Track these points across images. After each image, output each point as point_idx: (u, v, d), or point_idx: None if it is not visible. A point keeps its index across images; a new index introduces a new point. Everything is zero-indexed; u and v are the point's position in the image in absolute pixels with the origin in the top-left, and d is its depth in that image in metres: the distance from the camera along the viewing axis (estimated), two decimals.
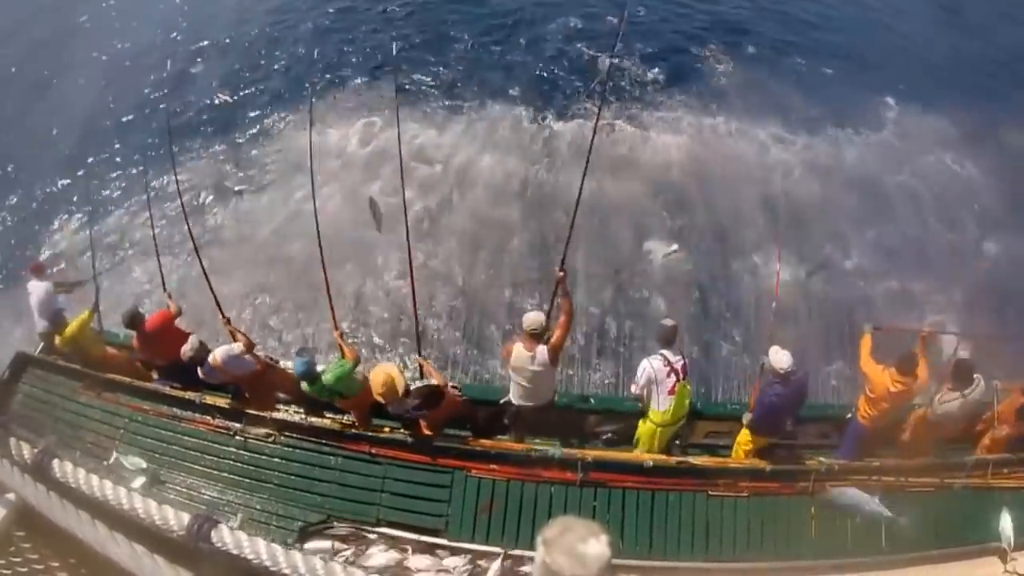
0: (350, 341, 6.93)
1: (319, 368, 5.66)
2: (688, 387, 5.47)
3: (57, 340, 6.62)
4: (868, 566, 4.93)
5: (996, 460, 5.35)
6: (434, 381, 5.60)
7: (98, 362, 6.59)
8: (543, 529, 1.13)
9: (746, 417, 5.59)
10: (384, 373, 5.32)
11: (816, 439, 6.27)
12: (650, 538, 5.10)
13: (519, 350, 5.42)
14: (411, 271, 6.24)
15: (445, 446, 5.46)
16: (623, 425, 6.08)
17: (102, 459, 5.68)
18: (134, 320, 6.41)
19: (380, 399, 5.37)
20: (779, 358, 5.19)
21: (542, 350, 5.35)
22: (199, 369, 5.95)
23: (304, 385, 5.67)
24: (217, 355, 5.86)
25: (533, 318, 5.42)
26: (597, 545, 1.10)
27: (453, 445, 5.47)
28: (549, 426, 6.02)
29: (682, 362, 5.38)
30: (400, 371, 5.54)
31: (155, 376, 6.77)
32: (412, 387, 5.53)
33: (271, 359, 6.64)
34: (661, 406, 5.37)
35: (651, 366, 5.35)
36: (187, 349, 5.94)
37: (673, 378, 5.32)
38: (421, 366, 6.20)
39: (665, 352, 5.36)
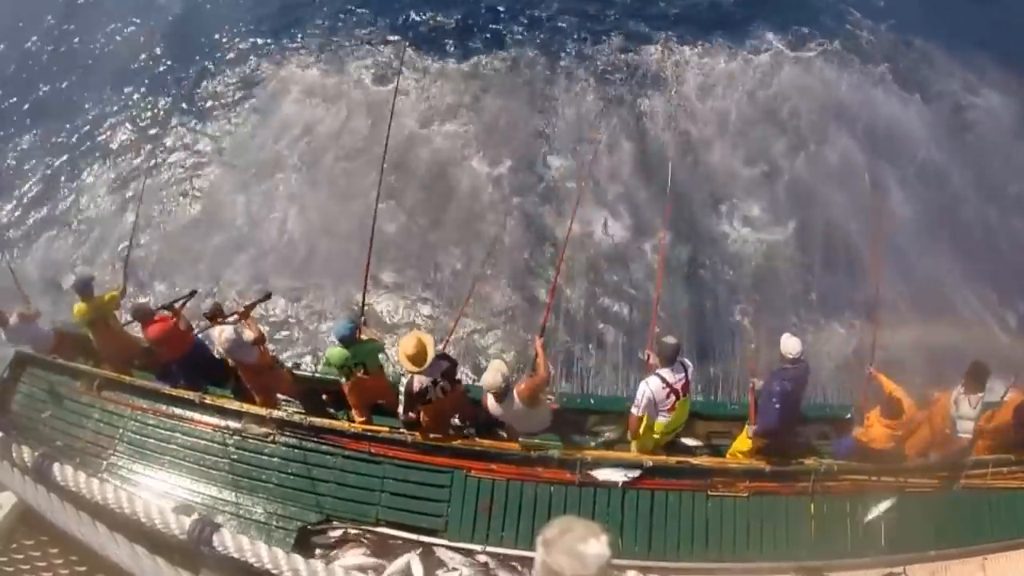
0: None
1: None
2: (688, 402, 5.34)
3: (80, 306, 6.40)
4: (868, 566, 4.94)
5: (996, 460, 5.34)
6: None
7: (114, 336, 6.56)
8: (543, 529, 1.13)
9: (749, 429, 5.42)
10: (415, 338, 5.24)
11: (816, 439, 6.26)
12: (650, 538, 5.11)
13: (492, 404, 5.27)
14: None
15: (445, 446, 5.46)
16: (623, 425, 6.08)
17: (102, 459, 5.69)
18: (140, 312, 6.31)
19: (408, 363, 5.20)
20: (790, 344, 5.16)
21: (514, 399, 5.21)
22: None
23: (336, 351, 5.62)
24: (224, 333, 5.83)
25: (491, 381, 5.11)
26: (597, 545, 1.10)
27: (453, 445, 5.47)
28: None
29: (683, 381, 5.18)
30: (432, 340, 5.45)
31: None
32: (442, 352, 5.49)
33: (276, 361, 6.62)
34: (660, 420, 5.30)
35: (650, 389, 5.15)
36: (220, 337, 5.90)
37: (672, 398, 5.18)
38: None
39: (663, 372, 5.16)
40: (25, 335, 6.60)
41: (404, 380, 5.31)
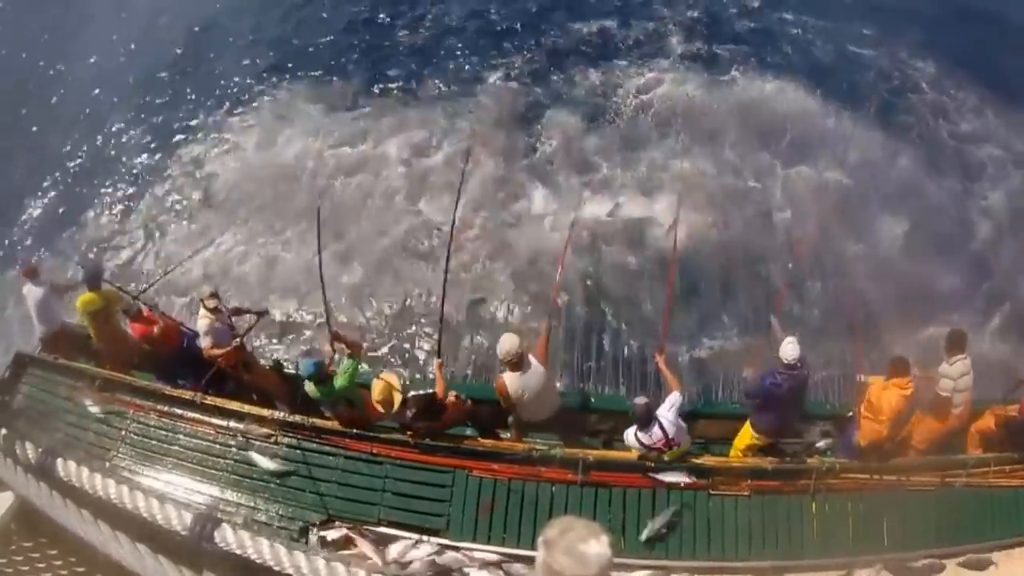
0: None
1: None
2: (678, 451, 5.26)
3: (88, 295, 6.37)
4: (869, 564, 4.94)
5: (997, 459, 5.35)
6: (432, 390, 5.48)
7: (114, 332, 6.57)
8: (544, 529, 1.13)
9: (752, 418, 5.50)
10: (383, 383, 5.27)
11: (817, 438, 6.26)
12: (651, 538, 5.10)
13: (511, 378, 5.25)
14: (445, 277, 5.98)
15: (446, 446, 5.47)
16: (624, 425, 6.07)
17: (104, 459, 5.69)
18: (129, 309, 6.39)
19: (378, 407, 5.33)
20: (788, 350, 5.09)
21: (532, 363, 5.25)
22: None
23: (311, 388, 5.52)
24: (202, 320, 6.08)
25: (507, 347, 5.13)
26: (598, 545, 1.10)
27: (454, 445, 5.48)
28: (550, 426, 6.02)
29: (662, 440, 5.09)
30: (400, 382, 5.48)
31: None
32: (410, 396, 5.41)
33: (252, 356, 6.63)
34: None
35: (635, 444, 5.20)
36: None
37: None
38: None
39: (640, 436, 5.11)
40: (47, 305, 6.67)
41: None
